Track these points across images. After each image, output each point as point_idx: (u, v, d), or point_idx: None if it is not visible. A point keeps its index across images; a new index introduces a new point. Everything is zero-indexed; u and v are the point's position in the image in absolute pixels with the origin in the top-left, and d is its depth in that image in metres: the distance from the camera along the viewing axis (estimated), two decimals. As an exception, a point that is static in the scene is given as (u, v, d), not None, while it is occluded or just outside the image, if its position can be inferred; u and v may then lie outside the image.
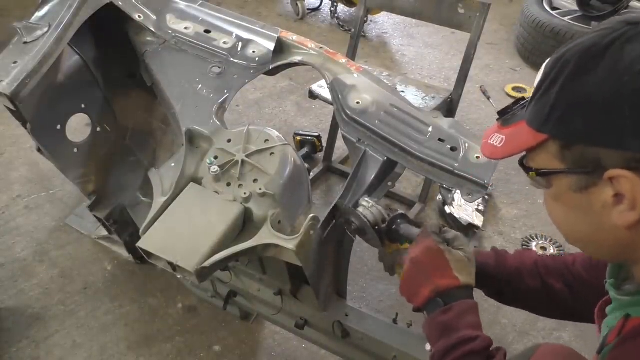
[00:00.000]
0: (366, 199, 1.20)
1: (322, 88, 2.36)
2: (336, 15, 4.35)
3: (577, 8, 3.72)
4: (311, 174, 2.68)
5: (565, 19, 3.60)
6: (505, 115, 0.78)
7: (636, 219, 0.64)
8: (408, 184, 2.72)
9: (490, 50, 4.05)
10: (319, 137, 2.87)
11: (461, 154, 1.28)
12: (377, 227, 1.15)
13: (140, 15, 1.61)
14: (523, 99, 0.78)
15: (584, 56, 0.64)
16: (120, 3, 1.59)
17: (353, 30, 2.46)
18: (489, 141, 0.79)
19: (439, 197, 2.55)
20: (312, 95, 2.39)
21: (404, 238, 1.12)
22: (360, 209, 1.17)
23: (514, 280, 1.11)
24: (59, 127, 1.63)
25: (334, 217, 1.27)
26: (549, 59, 0.71)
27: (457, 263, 0.98)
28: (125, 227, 2.00)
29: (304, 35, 1.62)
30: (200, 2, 1.68)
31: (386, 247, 1.18)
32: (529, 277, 1.10)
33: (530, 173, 0.73)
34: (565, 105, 0.65)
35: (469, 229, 2.40)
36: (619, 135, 0.61)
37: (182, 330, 2.00)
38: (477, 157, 1.28)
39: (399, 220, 1.15)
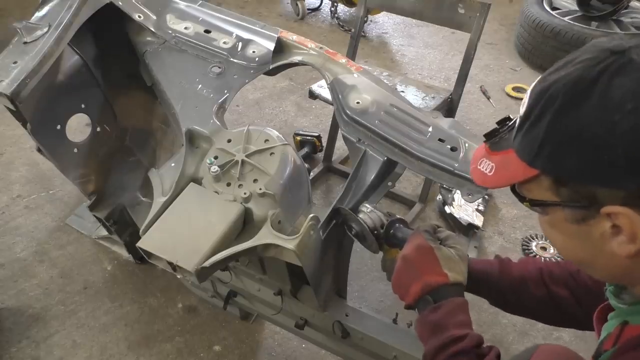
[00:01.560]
0: (366, 204, 1.21)
1: (322, 88, 2.36)
2: (336, 15, 4.35)
3: (577, 8, 3.72)
4: (311, 174, 2.68)
5: (565, 19, 3.60)
6: (492, 139, 0.76)
7: (636, 250, 0.63)
8: (408, 184, 2.72)
9: (490, 50, 4.05)
10: (319, 137, 2.87)
11: (461, 154, 1.28)
12: (375, 232, 1.16)
13: (140, 15, 1.61)
14: (509, 119, 0.76)
15: (571, 91, 0.61)
16: (120, 3, 1.59)
17: (353, 30, 2.46)
18: (479, 167, 0.76)
19: (439, 197, 2.55)
20: (312, 95, 2.39)
21: (402, 242, 1.12)
22: (360, 215, 1.17)
23: (519, 290, 1.10)
24: (59, 127, 1.63)
25: (334, 218, 1.27)
26: (534, 85, 0.69)
27: (446, 260, 0.99)
28: (125, 227, 2.00)
29: (304, 35, 1.62)
30: (200, 2, 1.68)
31: (386, 252, 1.19)
32: (534, 286, 1.09)
33: (524, 202, 0.71)
34: (556, 142, 0.63)
35: (469, 229, 2.40)
36: (614, 174, 0.59)
37: (182, 330, 2.00)
38: (477, 157, 1.28)
39: (397, 225, 1.15)
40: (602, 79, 0.59)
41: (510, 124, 0.74)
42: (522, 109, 0.69)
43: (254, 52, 1.56)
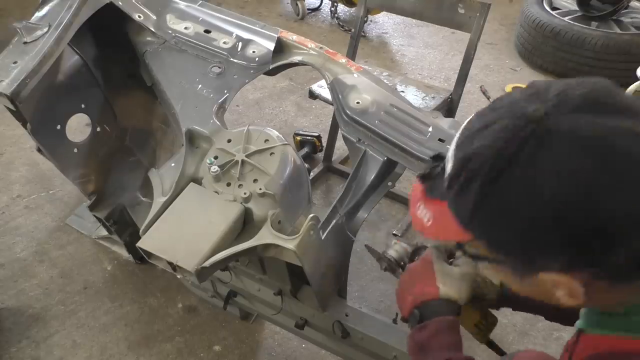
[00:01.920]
0: (394, 240, 1.22)
1: (322, 88, 2.36)
2: (336, 15, 4.35)
3: (577, 8, 3.72)
4: (311, 174, 2.67)
5: (565, 19, 3.60)
6: (427, 180, 0.73)
7: (578, 303, 0.63)
8: (408, 184, 2.72)
9: (490, 50, 4.05)
10: (319, 137, 2.87)
11: (461, 154, 1.28)
12: (403, 263, 1.16)
13: (140, 15, 1.61)
14: (441, 157, 0.72)
15: (493, 167, 0.59)
16: (120, 3, 1.59)
17: (353, 30, 2.46)
18: (417, 212, 0.73)
19: (439, 197, 2.55)
20: (312, 95, 2.39)
21: None
22: (388, 250, 1.18)
23: None
24: (59, 127, 1.63)
25: (334, 217, 1.27)
26: (457, 141, 0.66)
27: (443, 274, 0.97)
28: (125, 227, 2.00)
29: (304, 35, 1.62)
30: (200, 2, 1.68)
31: None
32: None
33: (460, 251, 0.70)
34: (487, 213, 0.61)
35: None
36: (546, 246, 0.58)
37: (182, 330, 2.00)
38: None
39: (421, 252, 1.16)
40: (522, 156, 0.56)
41: (441, 166, 0.70)
42: (449, 165, 0.66)
43: (254, 52, 1.56)
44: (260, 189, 1.26)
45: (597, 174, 0.54)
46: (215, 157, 1.33)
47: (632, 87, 2.67)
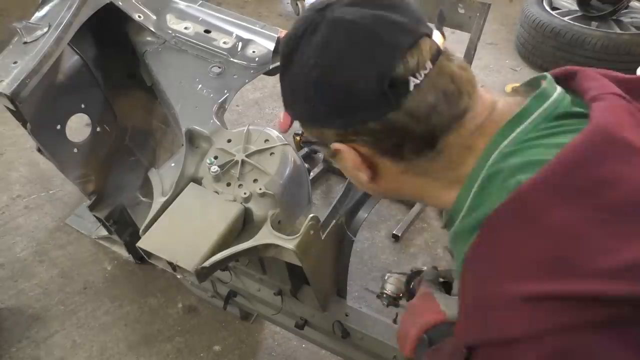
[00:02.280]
0: (387, 274, 1.24)
1: (322, 88, 2.36)
2: (336, 15, 4.35)
3: (577, 8, 3.72)
4: (311, 174, 2.67)
5: (565, 19, 3.60)
6: None
7: (369, 178, 0.73)
8: (408, 184, 2.72)
9: (490, 50, 4.05)
10: (319, 137, 2.87)
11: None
12: (401, 295, 1.18)
13: (140, 15, 1.61)
14: None
15: (286, 48, 0.69)
16: (120, 3, 1.59)
17: (353, 30, 2.46)
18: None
19: (439, 197, 2.55)
20: (312, 95, 2.38)
21: None
22: (385, 285, 1.22)
23: None
24: (58, 127, 1.63)
25: (334, 217, 1.27)
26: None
27: (444, 300, 0.97)
28: (125, 227, 2.00)
29: (304, 35, 1.62)
30: (200, 2, 1.68)
31: None
32: None
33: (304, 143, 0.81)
34: (287, 93, 0.72)
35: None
36: (323, 117, 0.69)
37: (182, 330, 2.00)
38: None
39: (413, 280, 1.17)
40: (304, 38, 0.66)
41: None
42: None
43: (254, 52, 1.56)
44: (260, 189, 1.26)
45: (347, 47, 0.63)
46: (215, 157, 1.33)
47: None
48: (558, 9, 3.83)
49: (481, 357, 0.60)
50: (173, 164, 1.41)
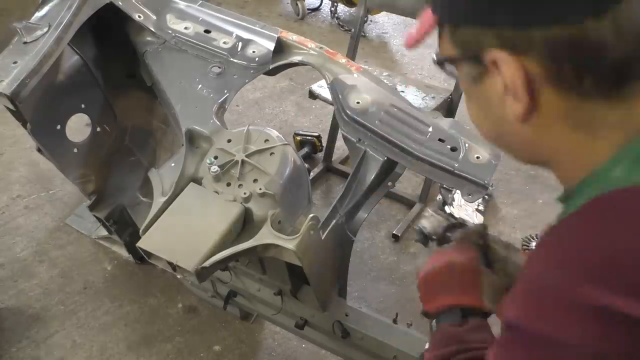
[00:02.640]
0: (429, 209, 1.19)
1: (322, 88, 2.36)
2: (336, 15, 4.35)
3: None
4: (311, 174, 2.67)
5: (566, 19, 3.60)
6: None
7: (523, 110, 0.57)
8: (408, 184, 2.72)
9: (490, 50, 4.05)
10: (319, 137, 2.87)
11: (461, 154, 1.29)
12: (434, 237, 1.14)
13: (140, 15, 1.61)
14: None
15: None
16: (120, 3, 1.59)
17: (353, 30, 2.46)
18: (411, 30, 0.73)
19: (439, 197, 2.55)
20: (312, 95, 2.38)
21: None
22: (422, 220, 1.16)
23: None
24: (58, 127, 1.63)
25: (334, 217, 1.27)
26: None
27: (488, 289, 0.91)
28: (125, 227, 2.00)
29: (304, 35, 1.62)
30: (200, 2, 1.68)
31: None
32: None
33: (437, 64, 0.69)
34: None
35: (469, 229, 2.40)
36: (485, 8, 0.55)
37: (182, 330, 2.00)
38: (478, 158, 1.28)
39: (453, 231, 1.12)
40: None
41: None
42: None
43: (254, 52, 1.56)
44: (260, 189, 1.26)
45: None
46: (215, 157, 1.33)
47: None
48: (558, 9, 3.83)
49: (519, 340, 0.54)
50: (173, 164, 1.41)
